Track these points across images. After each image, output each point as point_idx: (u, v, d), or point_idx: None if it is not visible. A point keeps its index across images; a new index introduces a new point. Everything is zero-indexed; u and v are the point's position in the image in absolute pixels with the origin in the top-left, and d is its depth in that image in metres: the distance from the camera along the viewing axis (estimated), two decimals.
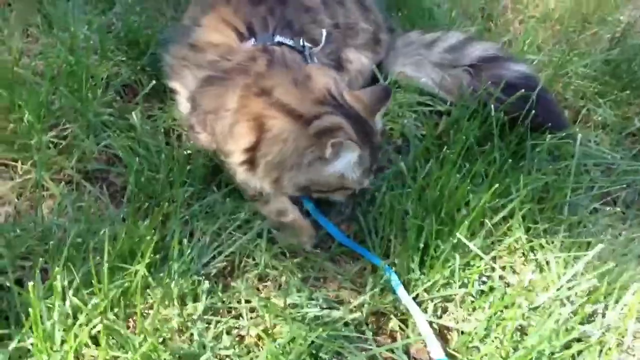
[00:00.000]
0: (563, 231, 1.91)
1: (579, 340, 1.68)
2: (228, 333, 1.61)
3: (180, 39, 2.08)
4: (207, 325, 1.61)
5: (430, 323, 1.71)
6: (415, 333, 1.70)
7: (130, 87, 2.20)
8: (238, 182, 1.89)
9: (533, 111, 2.03)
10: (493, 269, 1.82)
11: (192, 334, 1.58)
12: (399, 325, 1.73)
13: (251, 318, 1.66)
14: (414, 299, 1.75)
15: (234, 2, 2.07)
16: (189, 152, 1.94)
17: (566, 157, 2.13)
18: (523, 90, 2.04)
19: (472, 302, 1.77)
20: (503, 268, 1.85)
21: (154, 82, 2.12)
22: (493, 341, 1.66)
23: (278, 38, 1.98)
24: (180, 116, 2.05)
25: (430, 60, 2.28)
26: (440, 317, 1.77)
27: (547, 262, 1.84)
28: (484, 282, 1.80)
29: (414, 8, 2.66)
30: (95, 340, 1.50)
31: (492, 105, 2.04)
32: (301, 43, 2.01)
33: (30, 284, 1.39)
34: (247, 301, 1.68)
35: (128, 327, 1.57)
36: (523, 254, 1.89)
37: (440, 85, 2.26)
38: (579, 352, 1.64)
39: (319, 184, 1.79)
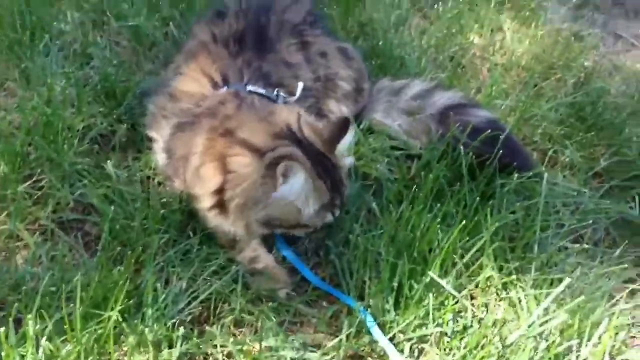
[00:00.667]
0: (534, 269, 1.93)
1: None
2: None
3: (162, 89, 2.13)
4: None
5: None
6: None
7: (106, 137, 2.23)
8: (212, 228, 1.91)
9: (500, 152, 2.08)
10: (466, 309, 1.84)
11: None
12: None
13: None
14: (390, 340, 1.76)
15: (214, 53, 2.13)
16: (164, 199, 1.96)
17: (535, 196, 2.17)
18: (489, 131, 2.09)
19: (448, 341, 1.78)
20: (477, 307, 1.87)
21: (129, 132, 2.16)
22: None
23: (250, 87, 2.02)
24: (157, 165, 2.08)
25: (398, 106, 2.34)
26: (417, 358, 1.78)
27: (520, 300, 1.86)
28: (457, 321, 1.82)
29: (386, 57, 2.73)
30: None
31: (461, 147, 2.09)
32: (274, 93, 2.05)
33: (2, 329, 1.39)
34: (223, 346, 1.69)
35: None
36: (496, 292, 1.91)
37: (408, 132, 2.31)
38: None
39: (278, 219, 1.82)
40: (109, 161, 2.04)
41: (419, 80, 2.45)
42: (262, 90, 2.03)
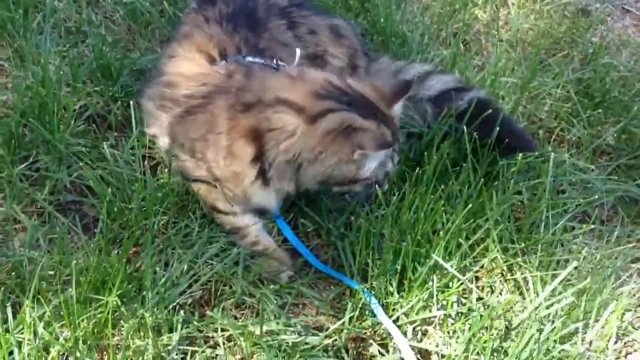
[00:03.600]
0: (540, 250, 1.91)
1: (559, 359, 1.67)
2: None
3: (155, 80, 2.07)
4: (183, 355, 1.58)
5: (411, 347, 1.69)
6: (395, 357, 1.68)
7: (102, 117, 2.18)
8: (217, 215, 1.91)
9: (500, 135, 2.02)
10: (471, 291, 1.81)
11: None
12: (379, 350, 1.71)
13: (228, 347, 1.64)
14: (394, 322, 1.73)
15: (209, 32, 2.07)
16: (161, 180, 1.92)
17: (541, 175, 2.13)
18: (489, 111, 2.04)
19: (452, 324, 1.76)
20: (482, 289, 1.85)
21: (125, 110, 2.12)
22: None
23: (249, 59, 1.98)
24: (158, 147, 2.04)
25: None
26: (421, 340, 1.76)
27: (526, 282, 1.83)
28: (463, 304, 1.79)
29: (388, 34, 2.67)
30: None
31: (464, 127, 2.04)
32: (274, 62, 2.00)
33: None
34: (224, 330, 1.66)
35: None
36: (502, 274, 1.88)
37: (405, 115, 2.26)
38: None
39: (338, 178, 1.81)
40: (105, 142, 1.99)
41: (417, 63, 2.40)
42: (261, 60, 1.99)
